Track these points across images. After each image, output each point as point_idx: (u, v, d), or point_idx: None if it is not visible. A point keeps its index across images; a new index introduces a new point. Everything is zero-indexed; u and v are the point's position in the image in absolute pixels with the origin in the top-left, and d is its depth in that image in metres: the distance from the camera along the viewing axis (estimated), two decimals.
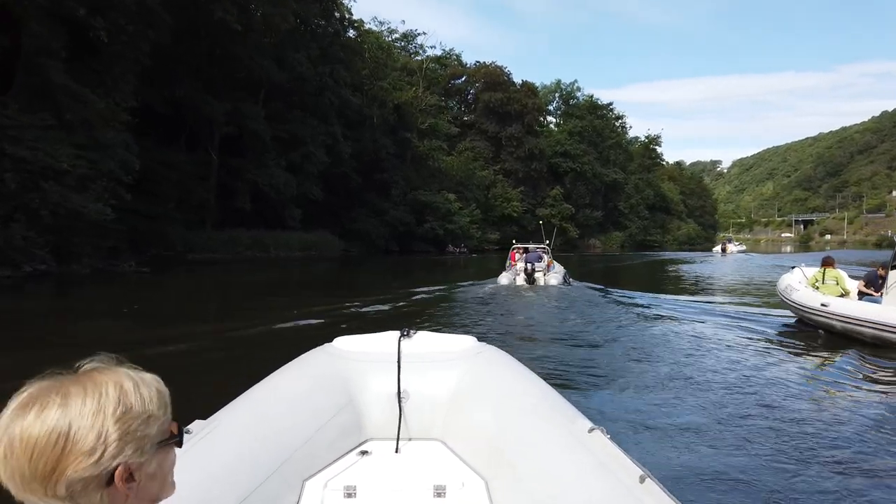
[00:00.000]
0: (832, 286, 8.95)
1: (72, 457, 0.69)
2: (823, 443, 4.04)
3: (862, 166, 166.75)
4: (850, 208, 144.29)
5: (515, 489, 1.73)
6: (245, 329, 8.76)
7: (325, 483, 1.91)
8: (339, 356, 2.39)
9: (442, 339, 2.53)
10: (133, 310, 11.19)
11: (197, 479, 1.50)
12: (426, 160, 48.96)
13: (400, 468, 2.04)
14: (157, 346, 7.12)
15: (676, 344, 7.77)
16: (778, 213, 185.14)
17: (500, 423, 2.01)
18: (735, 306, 12.10)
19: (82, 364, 0.79)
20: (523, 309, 11.69)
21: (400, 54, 54.47)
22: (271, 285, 18.79)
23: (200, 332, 8.58)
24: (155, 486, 0.79)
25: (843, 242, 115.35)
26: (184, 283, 18.16)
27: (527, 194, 60.67)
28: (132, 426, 0.74)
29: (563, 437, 1.80)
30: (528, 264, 15.48)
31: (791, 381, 5.78)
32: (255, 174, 31.41)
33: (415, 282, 18.11)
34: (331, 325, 9.21)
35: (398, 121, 45.21)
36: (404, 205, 44.46)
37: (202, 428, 1.79)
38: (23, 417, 0.70)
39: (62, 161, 16.90)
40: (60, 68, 18.82)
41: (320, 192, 36.77)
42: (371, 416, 2.23)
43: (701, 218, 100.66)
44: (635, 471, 1.52)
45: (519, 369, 2.39)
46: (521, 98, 60.42)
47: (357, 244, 41.24)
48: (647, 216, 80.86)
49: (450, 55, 63.28)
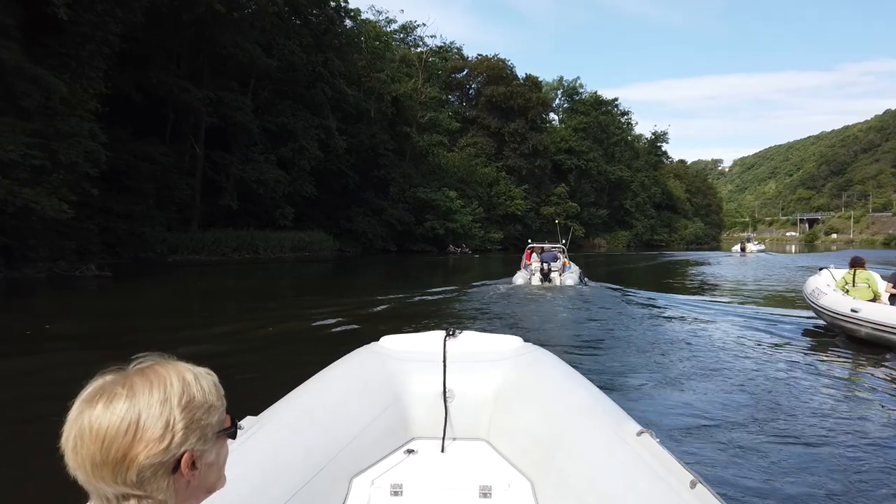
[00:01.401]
0: (863, 289, 8.39)
1: (143, 444, 0.73)
2: (879, 463, 3.71)
3: (866, 165, 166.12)
4: (855, 207, 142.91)
5: (562, 491, 1.71)
6: (190, 348, 6.61)
7: (371, 481, 1.92)
8: (385, 355, 2.41)
9: (487, 338, 2.50)
10: (43, 332, 8.63)
11: (249, 473, 1.52)
12: (426, 156, 46.80)
13: (446, 467, 2.04)
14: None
15: (708, 348, 7.45)
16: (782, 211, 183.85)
17: (547, 423, 1.98)
18: (770, 309, 11.60)
19: (139, 360, 0.82)
20: (540, 309, 11.46)
21: (399, 46, 52.33)
22: (251, 290, 16.69)
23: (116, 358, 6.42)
24: (213, 475, 0.83)
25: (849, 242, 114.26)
26: (147, 290, 15.92)
27: (530, 192, 58.32)
28: (196, 415, 0.78)
29: (610, 439, 1.77)
30: (544, 264, 15.40)
31: (839, 393, 5.46)
32: (243, 169, 29.28)
33: (414, 285, 17.06)
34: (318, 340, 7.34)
35: (397, 115, 43.05)
36: (403, 203, 42.42)
37: (253, 424, 1.81)
38: (91, 409, 0.74)
39: (10, 151, 14.76)
40: (15, 48, 16.70)
41: (314, 189, 34.68)
42: (417, 415, 2.23)
43: (707, 217, 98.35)
44: (686, 476, 1.47)
45: (565, 370, 2.37)
46: (524, 92, 58.12)
47: (353, 244, 39.39)
48: (654, 215, 78.66)
49: (450, 48, 61.04)
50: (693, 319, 10.13)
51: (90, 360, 5.83)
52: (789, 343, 7.99)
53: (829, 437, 4.13)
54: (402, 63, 47.64)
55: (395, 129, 43.09)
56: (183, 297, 14.61)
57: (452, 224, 44.34)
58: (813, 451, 3.84)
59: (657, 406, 4.85)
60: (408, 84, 44.09)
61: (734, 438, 4.03)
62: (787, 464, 3.61)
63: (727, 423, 4.38)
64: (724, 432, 4.16)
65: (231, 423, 0.86)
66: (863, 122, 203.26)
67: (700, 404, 4.88)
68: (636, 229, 74.84)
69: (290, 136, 32.94)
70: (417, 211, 42.84)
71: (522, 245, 57.41)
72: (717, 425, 4.33)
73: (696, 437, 4.06)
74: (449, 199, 44.39)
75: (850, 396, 5.32)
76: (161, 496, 0.76)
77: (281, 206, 32.45)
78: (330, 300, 12.81)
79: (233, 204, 29.12)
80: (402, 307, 11.82)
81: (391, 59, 46.68)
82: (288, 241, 32.29)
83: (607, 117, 74.25)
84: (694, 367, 6.29)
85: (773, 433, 4.19)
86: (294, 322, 9.64)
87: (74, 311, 11.34)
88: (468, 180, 50.64)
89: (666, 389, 5.36)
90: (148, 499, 0.75)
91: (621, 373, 6.07)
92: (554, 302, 12.42)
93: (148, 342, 6.46)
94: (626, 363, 6.55)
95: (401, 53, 50.36)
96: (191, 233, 28.04)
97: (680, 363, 6.51)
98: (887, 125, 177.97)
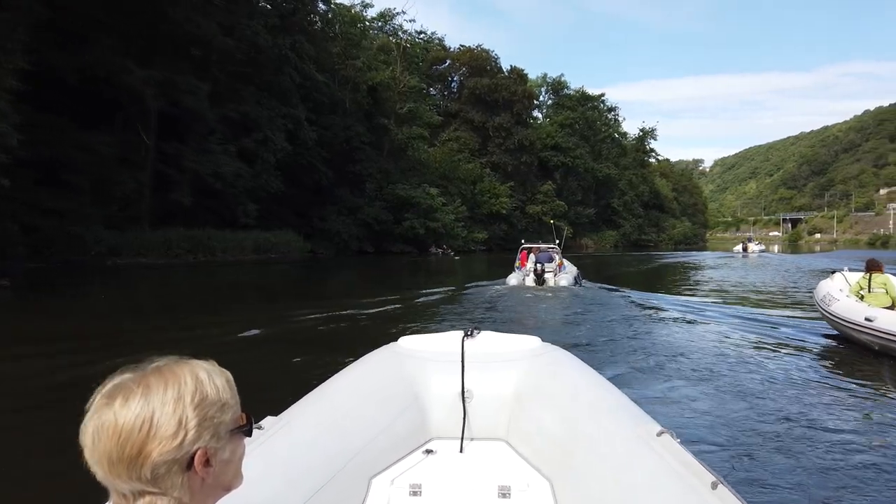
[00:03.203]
0: (880, 295, 7.70)
1: (156, 441, 0.74)
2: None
3: (847, 165, 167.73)
4: (838, 207, 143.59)
5: (581, 491, 1.70)
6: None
7: (391, 481, 1.91)
8: (404, 355, 2.40)
9: (506, 338, 2.49)
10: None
11: (269, 473, 1.53)
12: (405, 150, 43.84)
13: (464, 468, 2.03)
14: None
15: (709, 353, 7.11)
16: (763, 211, 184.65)
17: (566, 423, 1.96)
18: (789, 316, 10.80)
19: (157, 359, 0.83)
20: (533, 311, 11.28)
21: (377, 35, 49.29)
22: (191, 298, 13.67)
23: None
24: (229, 472, 0.84)
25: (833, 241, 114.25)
26: (48, 305, 12.76)
27: (516, 190, 55.49)
28: (209, 412, 0.79)
29: (630, 439, 1.74)
30: (538, 265, 15.17)
31: (853, 406, 4.97)
32: (197, 161, 26.04)
33: (393, 288, 15.75)
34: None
35: (373, 105, 40.03)
36: (380, 200, 39.46)
37: (273, 424, 1.79)
38: (109, 406, 0.75)
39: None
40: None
41: (281, 184, 31.60)
42: (435, 416, 2.21)
43: (693, 216, 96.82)
44: (707, 476, 1.45)
45: (584, 370, 2.35)
46: (509, 85, 55.39)
47: (326, 245, 36.45)
48: (642, 214, 76.58)
49: (431, 38, 58.12)
50: (696, 322, 9.85)
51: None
52: (800, 350, 7.47)
53: (852, 445, 3.97)
54: (379, 51, 44.62)
55: (372, 120, 40.07)
56: (91, 313, 11.51)
57: (434, 223, 41.47)
58: (833, 459, 3.68)
59: (670, 410, 4.66)
60: (385, 72, 41.07)
61: (749, 444, 3.95)
62: (809, 466, 3.56)
63: (744, 430, 4.24)
64: (739, 437, 4.07)
65: (246, 420, 0.86)
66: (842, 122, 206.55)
67: (710, 411, 4.72)
68: (624, 229, 72.72)
69: (253, 126, 29.82)
70: (396, 209, 39.93)
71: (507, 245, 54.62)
72: (731, 432, 4.19)
73: (711, 442, 3.97)
74: (430, 197, 41.53)
75: (865, 409, 4.96)
76: (176, 493, 0.77)
77: (243, 202, 29.31)
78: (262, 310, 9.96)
79: (185, 200, 25.92)
80: (386, 316, 10.72)
81: (368, 47, 43.67)
82: (250, 241, 29.18)
83: (594, 113, 72.08)
84: (699, 372, 6.13)
85: (790, 441, 4.01)
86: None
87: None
88: (450, 177, 47.73)
89: (675, 393, 5.23)
90: (162, 496, 0.76)
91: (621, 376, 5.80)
92: (548, 304, 12.20)
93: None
94: (629, 368, 6.30)
95: (379, 42, 47.35)
96: (136, 232, 24.78)
97: (683, 367, 6.31)
98: (867, 125, 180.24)
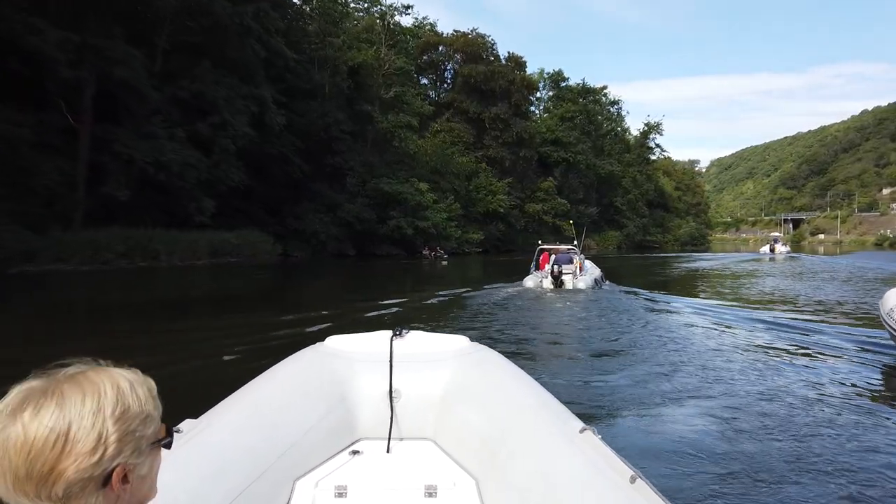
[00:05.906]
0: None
1: (72, 458, 0.68)
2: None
3: (848, 164, 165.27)
4: (840, 207, 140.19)
5: (506, 489, 1.72)
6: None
7: (315, 483, 1.89)
8: (330, 355, 2.35)
9: (434, 338, 2.47)
10: None
11: (187, 479, 1.49)
12: (391, 141, 39.44)
13: (391, 468, 2.02)
14: None
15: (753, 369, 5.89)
16: (763, 212, 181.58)
17: (492, 423, 1.98)
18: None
19: (68, 365, 0.75)
20: (549, 316, 10.74)
21: (362, 17, 44.90)
22: (93, 313, 9.31)
23: None
24: (144, 487, 0.78)
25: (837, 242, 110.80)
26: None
27: (514, 187, 51.21)
28: (131, 426, 0.73)
29: (554, 437, 1.78)
30: (556, 266, 14.83)
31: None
32: (133, 147, 21.56)
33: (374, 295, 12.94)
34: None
35: (355, 89, 35.66)
36: (363, 196, 35.12)
37: (192, 427, 1.75)
38: (16, 419, 0.68)
39: None
40: None
41: (243, 176, 27.19)
42: (362, 416, 2.20)
43: (697, 216, 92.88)
44: (626, 471, 1.49)
45: (511, 370, 2.34)
46: (506, 73, 51.10)
47: (302, 247, 32.21)
48: (647, 213, 72.43)
49: (422, 23, 53.75)
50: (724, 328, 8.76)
51: None
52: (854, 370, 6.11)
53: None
54: (363, 31, 40.20)
55: (354, 107, 35.68)
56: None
57: (423, 223, 37.08)
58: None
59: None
60: (368, 52, 36.64)
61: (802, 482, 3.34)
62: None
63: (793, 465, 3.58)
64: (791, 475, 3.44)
65: (166, 432, 0.80)
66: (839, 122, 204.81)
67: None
68: (628, 229, 68.56)
69: (209, 108, 25.39)
70: (381, 207, 35.60)
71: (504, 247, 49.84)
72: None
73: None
74: (419, 193, 37.16)
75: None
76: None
77: (196, 197, 24.86)
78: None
79: (120, 193, 21.49)
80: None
81: (350, 29, 39.28)
82: (204, 242, 24.76)
83: (596, 106, 67.90)
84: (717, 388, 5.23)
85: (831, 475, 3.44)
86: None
87: None
88: (442, 171, 43.26)
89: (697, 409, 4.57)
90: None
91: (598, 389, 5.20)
92: (565, 307, 11.78)
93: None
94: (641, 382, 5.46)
95: (364, 24, 42.95)
96: (57, 233, 20.32)
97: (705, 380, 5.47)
98: (866, 125, 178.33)
